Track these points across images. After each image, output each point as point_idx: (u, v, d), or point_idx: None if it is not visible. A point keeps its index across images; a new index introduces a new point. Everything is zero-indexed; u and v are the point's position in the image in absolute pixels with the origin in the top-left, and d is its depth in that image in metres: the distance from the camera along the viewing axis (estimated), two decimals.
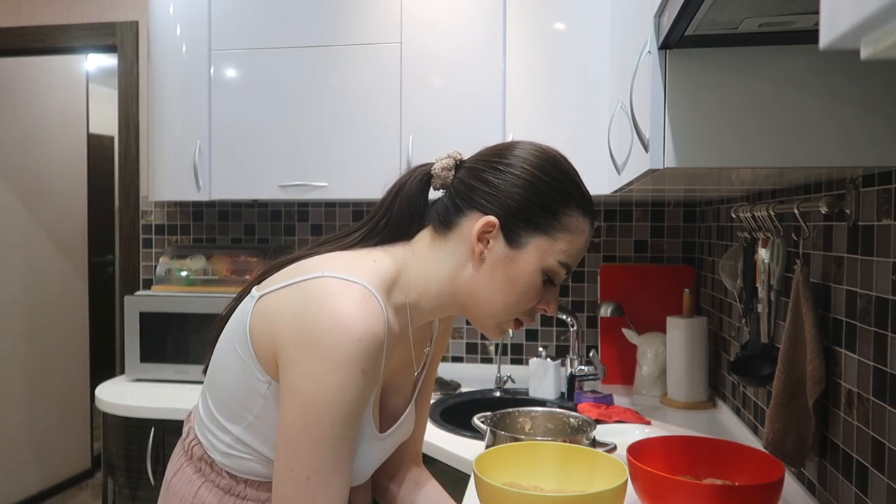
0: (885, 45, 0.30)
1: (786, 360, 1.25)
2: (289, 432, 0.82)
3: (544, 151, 0.92)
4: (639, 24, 1.16)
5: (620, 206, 2.45)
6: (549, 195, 0.88)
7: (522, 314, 0.92)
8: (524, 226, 0.88)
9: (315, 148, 2.23)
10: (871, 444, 1.07)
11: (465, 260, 0.90)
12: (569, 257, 0.90)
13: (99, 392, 2.18)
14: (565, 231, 0.88)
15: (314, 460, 0.81)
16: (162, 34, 2.35)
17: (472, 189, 0.90)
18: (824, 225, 1.26)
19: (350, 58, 2.21)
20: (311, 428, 0.81)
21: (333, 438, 0.81)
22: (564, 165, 0.91)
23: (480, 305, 0.91)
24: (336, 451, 0.82)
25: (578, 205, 0.89)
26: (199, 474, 0.96)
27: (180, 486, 0.97)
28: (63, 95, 3.63)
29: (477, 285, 0.90)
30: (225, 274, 2.42)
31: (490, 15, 2.13)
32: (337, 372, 0.80)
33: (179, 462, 1.00)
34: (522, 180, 0.88)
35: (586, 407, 1.95)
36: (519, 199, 0.88)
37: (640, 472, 1.15)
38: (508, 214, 0.88)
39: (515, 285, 0.89)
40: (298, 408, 0.81)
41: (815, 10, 0.79)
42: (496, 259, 0.89)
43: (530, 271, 0.88)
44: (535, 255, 0.88)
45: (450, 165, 0.94)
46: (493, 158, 0.92)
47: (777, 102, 0.95)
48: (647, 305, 2.35)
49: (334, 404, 0.80)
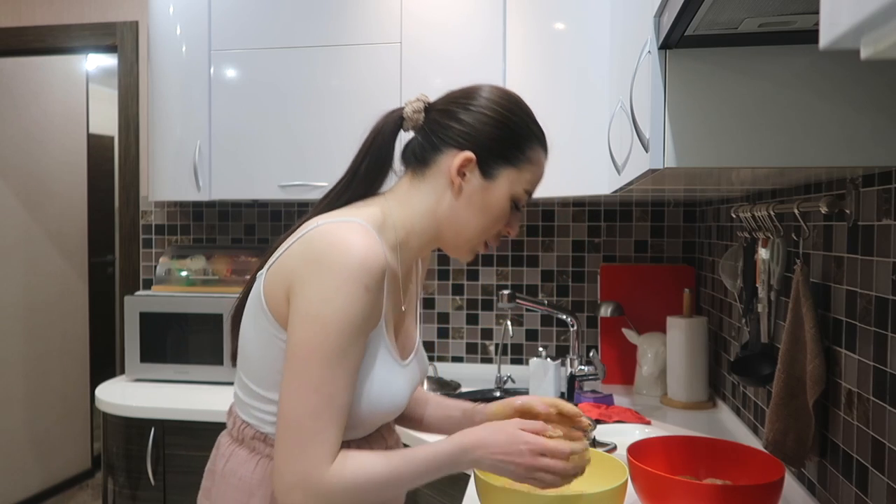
0: (885, 45, 0.30)
1: (786, 360, 1.25)
2: (298, 350, 0.89)
3: (507, 93, 1.04)
4: (639, 24, 1.16)
5: (620, 206, 2.45)
6: (517, 132, 1.01)
7: (491, 237, 1.04)
8: (496, 160, 1.00)
9: (315, 148, 2.23)
10: (871, 444, 1.07)
11: (444, 192, 1.01)
12: (531, 185, 1.04)
13: (99, 392, 2.18)
14: (529, 163, 1.02)
15: (322, 373, 0.88)
16: (162, 34, 2.35)
17: (447, 128, 1.01)
18: (824, 225, 1.26)
19: (350, 58, 2.21)
20: (319, 342, 0.88)
21: (340, 353, 0.88)
22: (525, 106, 1.04)
23: (459, 232, 1.02)
24: (342, 367, 0.89)
25: (539, 140, 1.04)
26: (253, 453, 1.00)
27: (236, 467, 1.01)
28: (63, 95, 3.63)
29: (455, 214, 1.01)
30: (225, 274, 2.42)
31: (490, 15, 2.13)
32: (342, 289, 0.88)
33: (230, 449, 1.04)
34: (494, 119, 1.00)
35: (586, 407, 1.95)
36: (492, 136, 0.99)
37: (640, 472, 1.15)
38: (483, 150, 0.99)
39: (489, 211, 1.01)
40: (308, 326, 0.88)
41: (815, 10, 0.79)
42: (472, 190, 1.00)
43: (502, 199, 1.01)
44: (506, 185, 1.01)
45: (420, 108, 1.03)
46: (462, 100, 1.02)
47: (777, 102, 0.95)
48: (647, 305, 2.35)
49: (341, 319, 0.88)
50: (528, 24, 2.06)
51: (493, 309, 2.54)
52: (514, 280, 2.52)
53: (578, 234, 2.48)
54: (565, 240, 2.49)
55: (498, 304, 2.40)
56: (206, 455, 1.16)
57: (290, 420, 0.89)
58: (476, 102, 1.01)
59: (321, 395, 0.88)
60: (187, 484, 2.03)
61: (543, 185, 1.97)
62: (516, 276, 2.52)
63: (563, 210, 2.49)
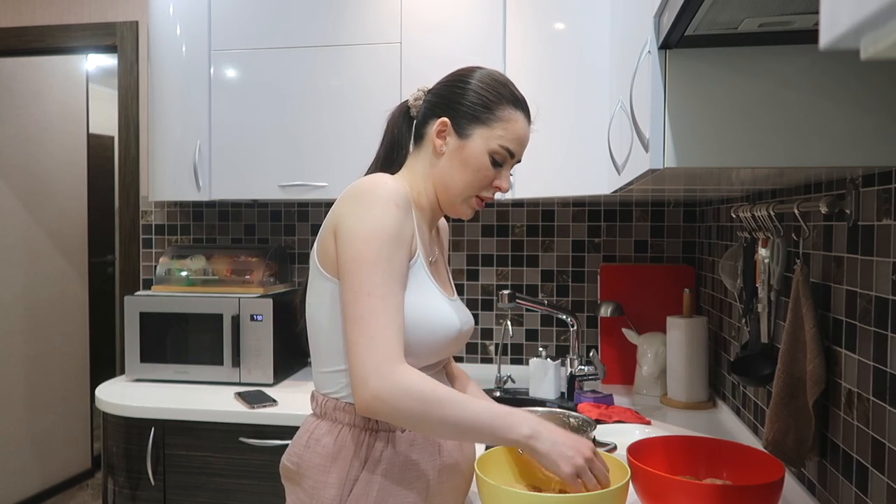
0: (885, 45, 0.30)
1: (786, 360, 1.25)
2: (347, 266, 1.04)
3: (484, 69, 1.21)
4: (639, 23, 1.16)
5: (620, 206, 2.45)
6: (485, 96, 1.16)
7: (482, 191, 1.18)
8: (468, 121, 1.15)
9: (315, 148, 2.23)
10: (871, 444, 1.07)
11: (433, 156, 1.18)
12: (508, 141, 1.16)
13: (99, 392, 2.18)
14: (500, 120, 1.15)
15: (371, 278, 1.02)
16: (162, 34, 2.35)
17: (432, 104, 1.20)
18: (824, 225, 1.26)
19: (350, 58, 2.21)
20: (363, 253, 1.03)
21: (385, 259, 1.03)
22: (500, 78, 1.20)
23: (448, 188, 1.17)
24: (388, 272, 1.03)
25: (508, 101, 1.17)
26: (335, 423, 1.12)
27: (320, 436, 1.12)
28: (63, 95, 3.63)
29: (442, 173, 1.17)
30: (225, 274, 2.42)
31: (490, 15, 2.13)
32: (375, 207, 1.04)
33: (314, 424, 1.15)
34: (464, 89, 1.17)
35: (586, 407, 1.95)
36: (462, 101, 1.16)
37: (640, 472, 1.15)
38: (456, 114, 1.16)
39: (469, 166, 1.16)
40: (352, 244, 1.04)
41: (815, 10, 0.79)
42: (452, 149, 1.17)
43: (478, 153, 1.15)
44: (481, 142, 1.15)
45: (419, 96, 1.23)
46: (447, 80, 1.22)
47: (777, 102, 0.95)
48: (647, 305, 2.35)
49: (378, 229, 1.03)
50: (528, 24, 2.06)
51: (493, 309, 2.54)
52: (514, 280, 2.52)
53: (578, 234, 2.48)
54: (565, 240, 2.49)
55: (498, 304, 2.40)
56: (206, 455, 1.18)
57: (353, 322, 1.02)
58: (454, 79, 1.20)
59: (375, 297, 1.01)
60: (187, 484, 2.03)
61: (543, 185, 1.99)
62: (516, 276, 2.52)
63: (563, 210, 2.49)
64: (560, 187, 1.94)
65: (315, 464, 1.11)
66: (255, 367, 2.24)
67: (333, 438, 1.11)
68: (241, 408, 2.01)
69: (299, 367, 2.49)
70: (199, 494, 2.03)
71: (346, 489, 1.08)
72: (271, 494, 1.99)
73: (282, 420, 1.96)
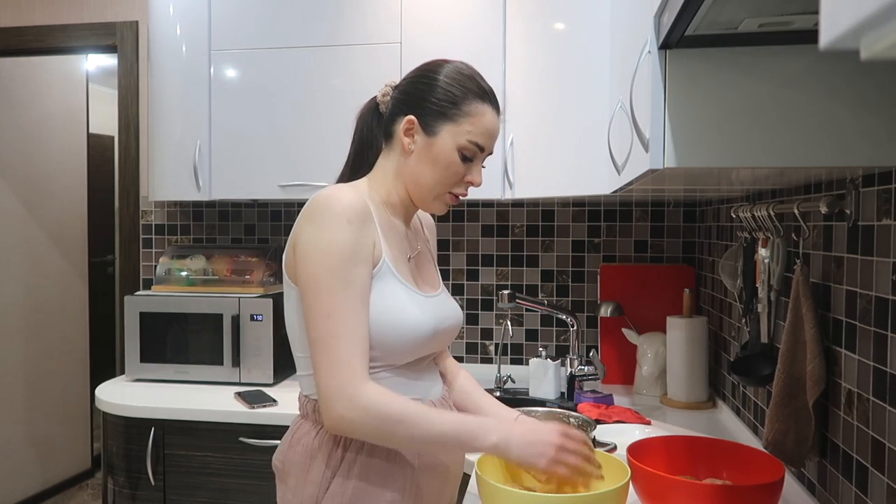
0: (885, 45, 0.30)
1: (786, 360, 1.25)
2: (307, 286, 1.05)
3: (451, 63, 1.17)
4: (639, 24, 1.16)
5: (620, 206, 2.45)
6: (450, 91, 1.13)
7: (455, 187, 1.16)
8: (434, 118, 1.14)
9: (315, 148, 2.23)
10: (870, 444, 1.07)
11: (402, 155, 1.17)
12: (476, 136, 1.14)
13: (99, 392, 2.18)
14: (467, 115, 1.13)
15: (329, 300, 1.03)
16: (162, 34, 2.35)
17: (398, 101, 1.18)
18: (824, 225, 1.26)
19: (350, 58, 2.21)
20: (320, 275, 1.03)
21: (340, 280, 1.03)
22: (466, 71, 1.16)
23: (420, 186, 1.16)
24: (346, 292, 1.03)
25: (475, 95, 1.14)
26: (316, 423, 1.14)
27: (301, 436, 1.15)
28: (63, 95, 3.63)
29: (411, 170, 1.16)
30: (225, 274, 2.42)
31: (490, 15, 2.13)
32: (327, 226, 1.05)
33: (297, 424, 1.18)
34: (430, 85, 1.15)
35: (586, 407, 1.95)
36: (428, 98, 1.14)
37: (640, 472, 1.15)
38: (422, 111, 1.14)
39: (438, 163, 1.14)
40: (308, 264, 1.05)
41: (815, 10, 0.79)
42: (420, 147, 1.15)
43: (447, 150, 1.13)
44: (448, 138, 1.13)
45: (387, 91, 1.21)
46: (412, 75, 1.19)
47: (777, 102, 0.95)
48: (647, 305, 2.35)
49: (333, 250, 1.04)
50: (528, 24, 2.06)
51: (493, 309, 2.54)
52: (514, 280, 2.52)
53: (578, 234, 2.48)
54: (565, 240, 2.49)
55: (498, 304, 2.40)
56: (205, 455, 1.19)
57: (316, 343, 1.04)
58: (419, 74, 1.18)
59: (334, 319, 1.02)
60: (187, 484, 2.03)
61: (543, 185, 1.99)
62: (516, 276, 2.52)
63: (563, 210, 2.49)
64: (560, 187, 1.94)
65: (297, 462, 1.13)
66: (255, 366, 2.24)
67: (312, 438, 1.13)
68: (240, 408, 2.01)
69: None
70: (199, 494, 2.03)
71: (322, 487, 1.10)
72: (271, 494, 1.99)
73: (282, 420, 1.96)
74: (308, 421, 1.16)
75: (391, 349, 1.09)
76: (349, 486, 1.09)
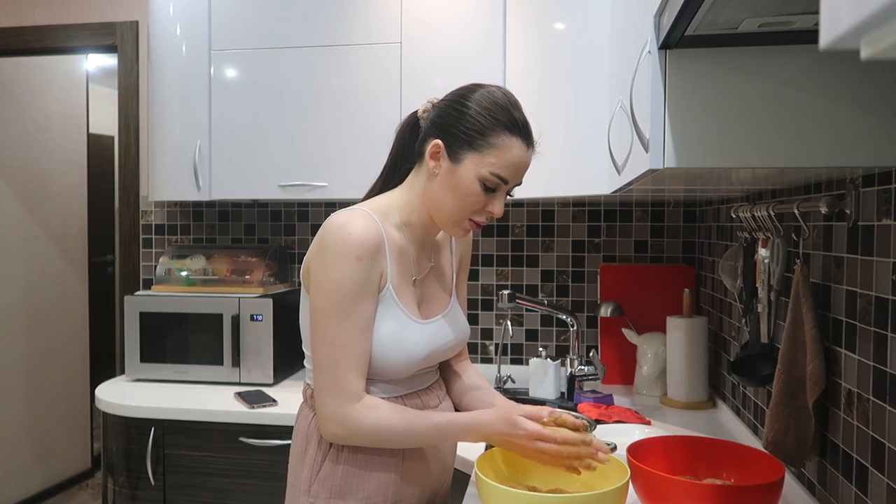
0: (885, 45, 0.30)
1: (786, 360, 1.25)
2: (314, 313, 1.12)
3: (487, 89, 1.16)
4: (639, 23, 1.16)
5: (620, 206, 2.45)
6: (478, 121, 1.12)
7: (474, 215, 1.17)
8: (460, 146, 1.13)
9: (315, 148, 2.23)
10: (870, 444, 1.07)
11: (428, 177, 1.18)
12: (500, 169, 1.13)
13: (99, 392, 2.18)
14: (493, 147, 1.12)
15: (333, 328, 1.09)
16: (162, 34, 2.35)
17: (432, 123, 1.18)
18: (824, 225, 1.26)
19: (350, 58, 2.21)
20: (327, 305, 1.10)
21: (346, 312, 1.09)
22: (500, 100, 1.14)
23: (440, 210, 1.17)
24: (350, 323, 1.09)
25: (504, 127, 1.12)
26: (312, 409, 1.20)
27: (300, 422, 1.23)
28: (63, 95, 3.63)
29: (434, 194, 1.17)
30: (225, 274, 2.42)
31: (490, 15, 2.13)
32: (337, 262, 1.09)
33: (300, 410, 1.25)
34: (460, 112, 1.14)
35: (586, 407, 1.95)
36: (457, 125, 1.14)
37: (640, 472, 1.15)
38: (450, 137, 1.14)
39: (459, 191, 1.14)
40: (319, 294, 1.11)
41: (815, 10, 0.79)
42: (444, 172, 1.15)
43: (469, 180, 1.13)
44: (471, 167, 1.13)
45: (427, 108, 1.22)
46: (449, 96, 1.19)
47: (777, 102, 0.95)
48: (647, 305, 2.35)
49: (340, 285, 1.09)
50: (528, 24, 2.06)
51: (493, 309, 2.54)
52: (514, 280, 2.52)
53: (578, 234, 2.48)
54: (565, 240, 2.49)
55: (498, 304, 2.40)
56: (205, 455, 1.20)
57: (317, 366, 1.12)
58: (455, 98, 1.17)
59: (335, 347, 1.09)
60: (187, 484, 2.03)
61: (543, 185, 1.99)
62: (516, 276, 2.52)
63: (563, 210, 2.49)
64: (560, 187, 1.94)
65: (296, 445, 1.22)
66: (255, 366, 2.24)
67: (308, 423, 1.20)
68: (240, 408, 2.01)
69: (299, 366, 2.48)
70: (199, 494, 2.03)
71: (314, 470, 1.17)
72: (271, 494, 1.99)
73: (282, 420, 1.96)
74: (307, 406, 1.23)
75: (383, 370, 1.15)
76: (338, 470, 1.15)
